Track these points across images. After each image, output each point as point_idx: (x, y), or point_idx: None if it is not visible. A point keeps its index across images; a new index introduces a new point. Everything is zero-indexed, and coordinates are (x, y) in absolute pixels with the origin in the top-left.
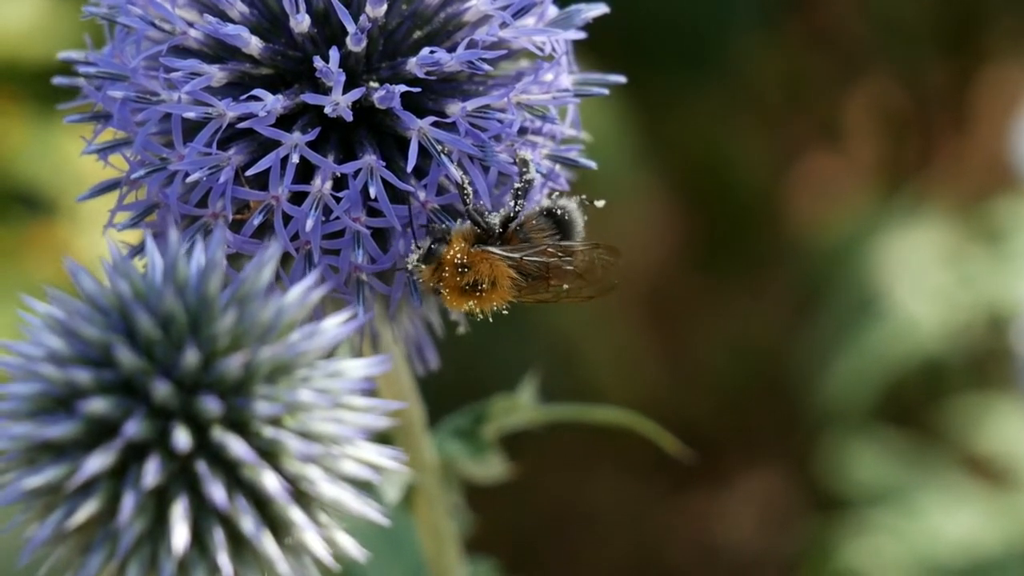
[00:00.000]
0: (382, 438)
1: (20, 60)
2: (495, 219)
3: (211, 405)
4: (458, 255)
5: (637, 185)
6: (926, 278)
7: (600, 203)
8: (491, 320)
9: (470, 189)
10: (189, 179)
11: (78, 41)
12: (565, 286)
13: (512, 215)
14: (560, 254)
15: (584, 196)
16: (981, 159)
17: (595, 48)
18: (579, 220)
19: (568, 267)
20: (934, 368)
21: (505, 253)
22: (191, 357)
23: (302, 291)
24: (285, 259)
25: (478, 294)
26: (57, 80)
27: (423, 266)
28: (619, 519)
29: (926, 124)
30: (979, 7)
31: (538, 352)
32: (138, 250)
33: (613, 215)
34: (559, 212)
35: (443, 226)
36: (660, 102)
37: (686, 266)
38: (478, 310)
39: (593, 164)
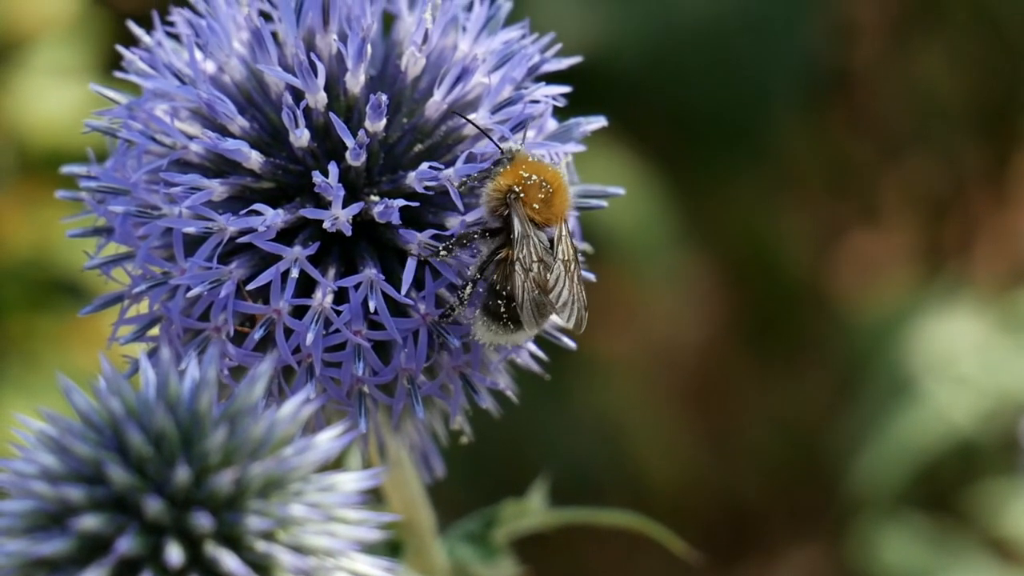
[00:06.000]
0: (393, 544)
1: (64, 149)
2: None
3: (203, 521)
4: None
5: (681, 266)
6: (959, 363)
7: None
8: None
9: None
10: (191, 293)
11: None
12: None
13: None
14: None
15: None
16: (1019, 241)
17: (638, 132)
18: None
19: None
20: (966, 453)
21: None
22: (182, 474)
23: (295, 406)
24: (288, 372)
25: (546, 192)
26: (60, 194)
27: (498, 169)
28: None
29: (965, 206)
30: (1017, 90)
31: (585, 431)
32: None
33: (658, 295)
34: None
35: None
36: (703, 184)
37: (730, 345)
38: (548, 215)
39: (592, 276)
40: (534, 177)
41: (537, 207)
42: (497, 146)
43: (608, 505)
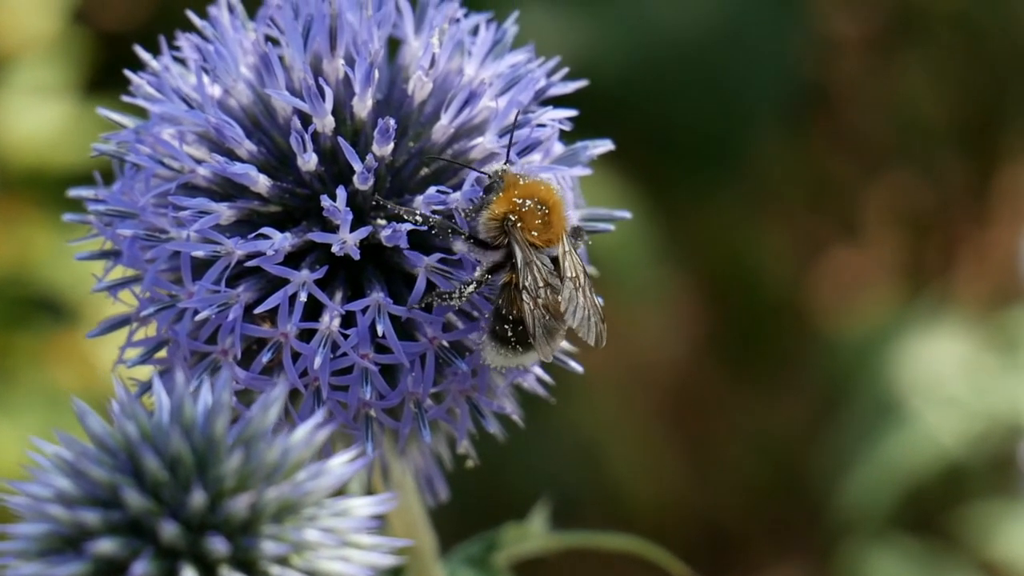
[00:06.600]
0: (395, 568)
1: (45, 168)
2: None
3: (218, 545)
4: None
5: (661, 283)
6: (945, 386)
7: None
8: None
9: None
10: (199, 316)
11: None
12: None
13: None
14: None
15: None
16: (1002, 257)
17: (618, 148)
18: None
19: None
20: (954, 474)
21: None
22: (198, 498)
23: (308, 431)
24: (294, 395)
25: (542, 215)
26: (67, 217)
27: (491, 196)
28: None
29: (947, 222)
30: (999, 107)
31: (563, 450)
32: (148, 387)
33: (637, 314)
34: None
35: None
36: (683, 201)
37: (709, 363)
38: (548, 236)
39: (600, 299)
40: (528, 202)
41: (536, 233)
42: (483, 174)
43: (587, 524)
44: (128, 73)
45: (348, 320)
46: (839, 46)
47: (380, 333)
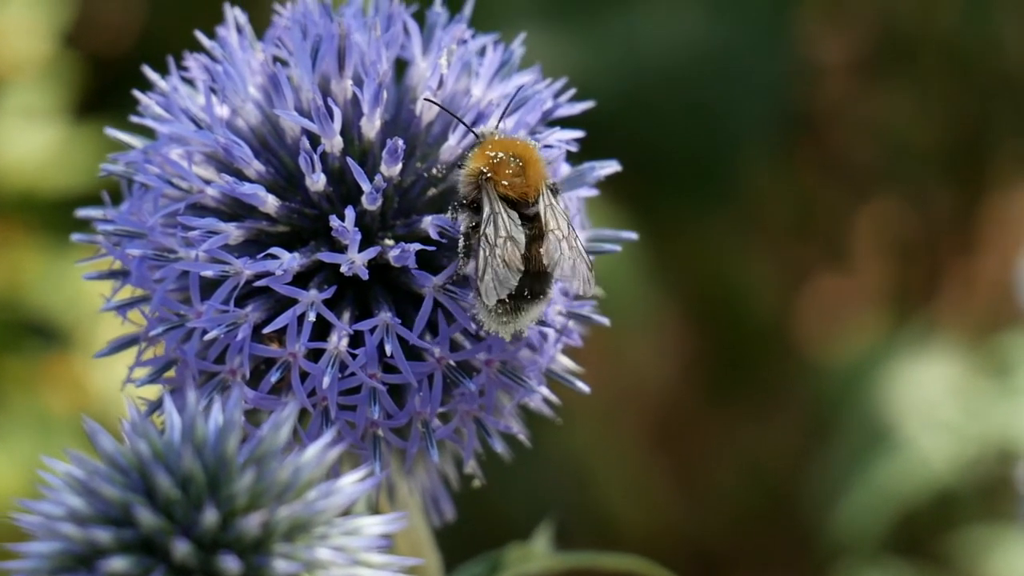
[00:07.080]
0: None
1: (36, 191)
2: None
3: (230, 563)
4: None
5: (647, 309)
6: (936, 411)
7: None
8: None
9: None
10: (207, 336)
11: (93, 173)
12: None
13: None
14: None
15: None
16: (989, 284)
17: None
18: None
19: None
20: (945, 499)
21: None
22: (210, 516)
23: (319, 450)
24: (302, 414)
25: (516, 166)
26: (76, 237)
27: (469, 153)
28: None
29: (934, 248)
30: (985, 133)
31: (551, 475)
32: (156, 406)
33: (624, 339)
34: None
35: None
36: (670, 227)
37: (697, 387)
38: (523, 189)
39: (606, 320)
40: (501, 155)
41: (508, 183)
42: (470, 129)
43: (576, 547)
44: (136, 93)
45: (356, 340)
46: (826, 72)
47: (388, 353)
